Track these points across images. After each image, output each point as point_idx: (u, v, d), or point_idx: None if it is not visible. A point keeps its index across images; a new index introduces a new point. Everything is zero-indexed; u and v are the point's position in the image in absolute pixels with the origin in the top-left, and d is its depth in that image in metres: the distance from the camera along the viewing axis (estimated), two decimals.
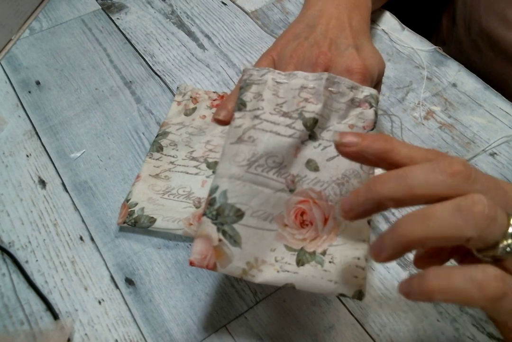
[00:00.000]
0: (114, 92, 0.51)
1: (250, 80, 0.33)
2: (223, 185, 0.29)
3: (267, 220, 0.29)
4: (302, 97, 0.32)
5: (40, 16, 0.59)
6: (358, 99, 0.32)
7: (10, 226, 0.41)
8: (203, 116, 0.46)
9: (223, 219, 0.28)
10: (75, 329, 0.36)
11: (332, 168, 0.31)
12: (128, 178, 0.44)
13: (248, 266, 0.28)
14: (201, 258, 0.28)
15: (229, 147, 0.30)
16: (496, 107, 0.48)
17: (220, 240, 0.28)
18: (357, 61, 0.34)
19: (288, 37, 0.38)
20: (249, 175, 0.29)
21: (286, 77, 0.32)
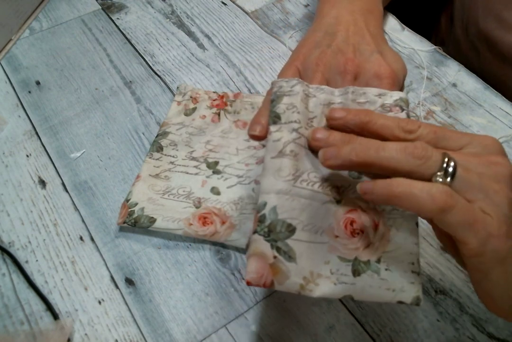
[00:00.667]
0: (114, 92, 0.51)
1: (280, 92, 0.32)
2: (271, 201, 0.29)
3: (318, 233, 0.29)
4: None
5: (40, 16, 0.59)
6: (389, 104, 0.32)
7: (10, 226, 0.41)
8: (203, 116, 0.46)
9: (275, 235, 0.28)
10: (75, 329, 0.36)
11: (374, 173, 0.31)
12: (128, 178, 0.44)
13: (305, 281, 0.28)
14: (257, 277, 0.28)
15: (271, 162, 0.30)
16: (496, 107, 0.47)
17: (275, 257, 0.28)
18: (385, 66, 0.35)
19: (309, 45, 0.38)
20: (296, 189, 0.29)
21: (314, 91, 0.33)
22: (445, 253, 0.39)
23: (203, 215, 0.39)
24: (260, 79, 0.51)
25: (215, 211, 0.40)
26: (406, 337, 0.35)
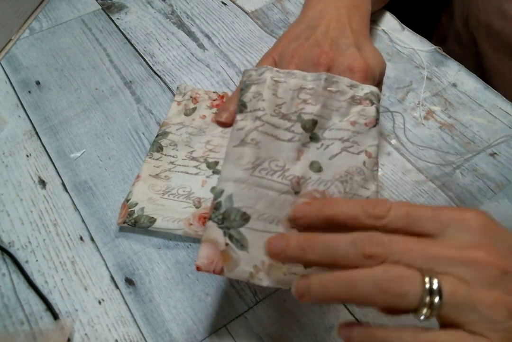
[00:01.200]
0: (114, 92, 0.51)
1: (249, 80, 0.33)
2: (229, 189, 0.29)
3: (273, 222, 0.29)
4: (300, 99, 0.32)
5: (40, 16, 0.59)
6: (359, 97, 0.32)
7: (10, 226, 0.41)
8: (203, 116, 0.46)
9: (229, 223, 0.28)
10: (75, 329, 0.36)
11: (335, 166, 0.31)
12: (128, 178, 0.44)
13: (255, 270, 0.28)
14: (208, 263, 0.28)
15: (233, 150, 0.30)
16: (496, 107, 0.48)
17: (227, 244, 0.28)
18: (359, 60, 0.35)
19: (289, 37, 0.39)
20: (254, 178, 0.29)
21: (285, 76, 0.32)
22: None
23: (203, 215, 0.39)
24: None
25: None
26: None
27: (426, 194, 0.42)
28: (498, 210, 0.41)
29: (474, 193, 0.42)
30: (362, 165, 0.31)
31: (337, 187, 0.31)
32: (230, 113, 0.33)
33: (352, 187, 0.31)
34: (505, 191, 0.42)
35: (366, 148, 0.32)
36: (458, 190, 0.42)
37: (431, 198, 0.42)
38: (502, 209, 0.41)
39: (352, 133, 0.32)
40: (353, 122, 0.32)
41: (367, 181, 0.31)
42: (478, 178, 0.43)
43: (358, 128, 0.32)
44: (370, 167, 0.31)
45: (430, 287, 0.21)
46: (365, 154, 0.32)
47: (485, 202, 0.42)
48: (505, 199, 0.42)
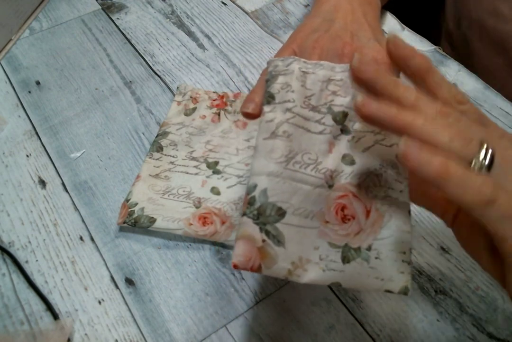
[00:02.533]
0: (114, 92, 0.51)
1: (276, 71, 0.31)
2: (262, 183, 0.28)
3: (308, 217, 0.29)
4: (330, 90, 0.31)
5: (40, 16, 0.59)
6: None
7: (10, 226, 0.41)
8: (203, 116, 0.46)
9: (265, 218, 0.28)
10: (75, 329, 0.36)
11: (368, 159, 0.30)
12: (128, 178, 0.44)
13: (293, 266, 0.28)
14: (245, 260, 0.27)
15: (263, 143, 0.29)
16: (496, 107, 0.47)
17: (264, 241, 0.27)
18: (382, 52, 0.34)
19: (306, 30, 0.38)
20: (288, 171, 0.29)
21: (312, 67, 0.31)
22: (445, 253, 0.39)
23: (203, 215, 0.39)
24: None
25: (215, 211, 0.40)
26: (406, 337, 0.35)
27: None
28: None
29: None
30: (395, 159, 0.30)
31: (372, 180, 0.30)
32: (256, 104, 0.32)
33: (387, 180, 0.30)
34: None
35: (397, 141, 0.30)
36: None
37: None
38: None
39: None
40: None
41: (399, 174, 0.30)
42: None
43: None
44: None
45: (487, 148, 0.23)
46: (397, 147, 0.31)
47: None
48: None
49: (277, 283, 0.38)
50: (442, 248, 0.39)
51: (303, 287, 0.37)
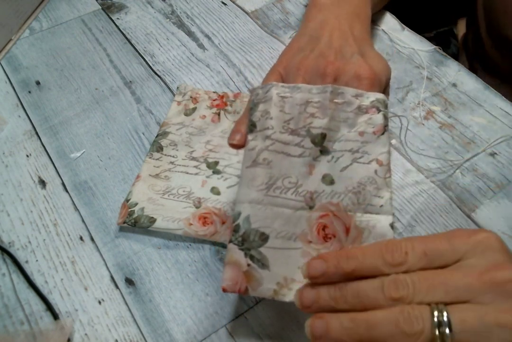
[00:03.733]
0: (114, 92, 0.51)
1: (257, 99, 0.33)
2: (245, 211, 0.30)
3: (291, 239, 0.30)
4: (308, 113, 0.32)
5: (40, 16, 0.59)
6: (365, 106, 0.32)
7: (10, 226, 0.41)
8: (203, 116, 0.46)
9: (249, 244, 0.29)
10: (75, 329, 0.36)
11: (346, 178, 0.31)
12: (128, 178, 0.44)
13: (279, 286, 0.29)
14: (232, 284, 0.29)
15: (246, 171, 0.31)
16: (496, 107, 0.47)
17: (249, 265, 0.29)
18: (365, 67, 0.35)
19: (293, 51, 0.39)
20: (268, 198, 0.30)
21: (290, 91, 0.32)
22: None
23: (203, 215, 0.39)
24: (260, 79, 0.51)
25: (215, 211, 0.40)
26: None
27: (426, 194, 0.42)
28: (498, 210, 0.41)
29: (474, 193, 0.42)
30: (374, 175, 0.31)
31: (351, 198, 0.31)
32: (242, 135, 0.34)
33: (365, 197, 0.31)
34: (505, 191, 0.42)
35: (376, 156, 0.32)
36: (458, 190, 0.42)
37: (431, 198, 0.42)
38: (502, 209, 0.41)
39: (361, 144, 0.32)
40: (361, 133, 0.32)
41: (380, 189, 0.31)
42: (478, 178, 0.43)
43: (366, 138, 0.32)
44: (382, 175, 0.32)
45: (438, 319, 0.22)
46: (376, 163, 0.32)
47: (485, 202, 0.42)
48: (505, 199, 0.42)
49: None
50: None
51: None
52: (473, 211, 0.41)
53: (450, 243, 0.25)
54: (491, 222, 0.40)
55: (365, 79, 0.34)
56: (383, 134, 0.32)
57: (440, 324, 0.22)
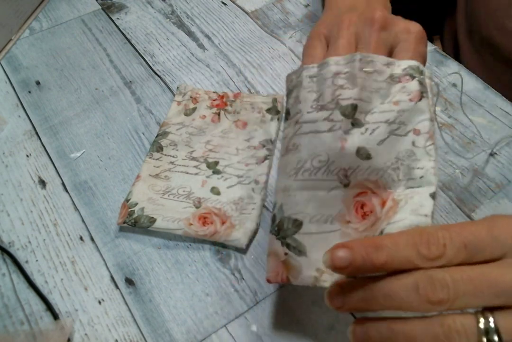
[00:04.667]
0: (114, 92, 0.51)
1: (291, 86, 0.32)
2: (279, 200, 0.30)
3: (327, 222, 0.29)
4: (336, 85, 0.29)
5: (40, 16, 0.59)
6: (398, 74, 0.29)
7: (10, 226, 0.41)
8: (203, 116, 0.46)
9: (284, 232, 0.29)
10: (75, 329, 0.36)
11: (384, 152, 0.29)
12: (128, 178, 0.44)
13: (319, 272, 0.28)
14: (274, 275, 0.28)
15: (280, 160, 0.31)
16: (496, 107, 0.47)
17: (286, 254, 0.28)
18: (414, 23, 0.33)
19: (331, 16, 0.36)
20: (297, 183, 0.29)
21: (318, 69, 0.30)
22: None
23: (203, 215, 0.39)
24: (260, 79, 0.51)
25: (215, 211, 0.40)
26: None
27: None
28: (498, 210, 0.41)
29: (474, 193, 0.42)
30: (412, 146, 0.29)
31: (390, 175, 0.28)
32: None
33: (405, 173, 0.28)
34: (505, 191, 0.42)
35: (414, 126, 0.29)
36: (458, 190, 0.42)
37: None
38: (502, 209, 0.41)
39: (398, 113, 0.29)
40: (396, 102, 0.29)
41: (419, 160, 0.28)
42: (478, 178, 0.43)
43: (402, 107, 0.29)
44: (421, 144, 0.29)
45: (485, 327, 0.20)
46: (413, 133, 0.29)
47: (485, 202, 0.42)
48: (505, 199, 0.42)
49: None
50: None
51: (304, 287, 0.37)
52: (473, 211, 0.41)
53: (493, 234, 0.22)
54: None
55: (414, 33, 0.32)
56: (421, 100, 0.29)
57: (488, 331, 0.20)
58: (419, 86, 0.29)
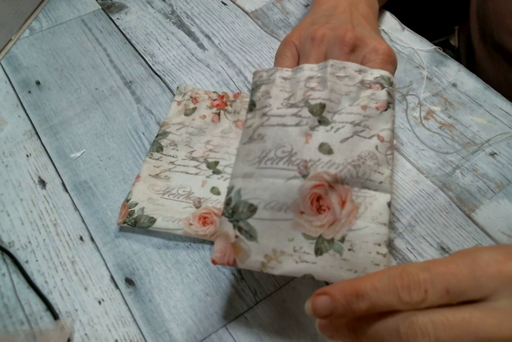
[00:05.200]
0: (114, 92, 0.51)
1: (260, 81, 0.33)
2: (238, 184, 0.30)
3: (281, 210, 0.29)
4: (308, 87, 0.31)
5: (40, 16, 0.59)
6: (368, 81, 0.31)
7: (10, 226, 0.41)
8: (203, 116, 0.46)
9: (237, 216, 0.29)
10: (75, 329, 0.36)
11: (346, 150, 0.30)
12: (128, 178, 0.44)
13: (267, 259, 0.29)
14: (221, 256, 0.29)
15: (242, 148, 0.31)
16: (496, 107, 0.47)
17: (237, 236, 0.29)
18: (384, 43, 0.34)
19: (305, 24, 0.37)
20: (260, 170, 0.30)
21: (293, 73, 0.32)
22: (445, 253, 0.39)
23: (203, 215, 0.39)
24: None
25: (215, 211, 0.40)
26: None
27: (426, 193, 0.42)
28: (498, 210, 0.41)
29: (474, 193, 0.42)
30: (375, 150, 0.30)
31: (350, 171, 0.30)
32: None
33: (365, 172, 0.30)
34: (505, 191, 0.42)
35: (378, 132, 0.31)
36: (458, 190, 0.42)
37: (431, 198, 0.42)
38: (502, 209, 0.41)
39: (364, 117, 0.31)
40: (364, 107, 0.31)
41: (380, 165, 0.30)
42: (478, 178, 0.43)
43: (369, 112, 0.31)
44: (383, 151, 0.30)
45: None
46: (378, 139, 0.30)
47: (485, 202, 0.42)
48: (505, 199, 0.42)
49: (277, 283, 0.38)
50: (442, 248, 0.39)
51: (303, 287, 0.37)
52: (473, 211, 0.41)
53: (476, 277, 0.21)
54: (491, 222, 0.41)
55: (383, 54, 0.33)
56: (386, 110, 0.31)
57: None
58: (387, 96, 0.31)
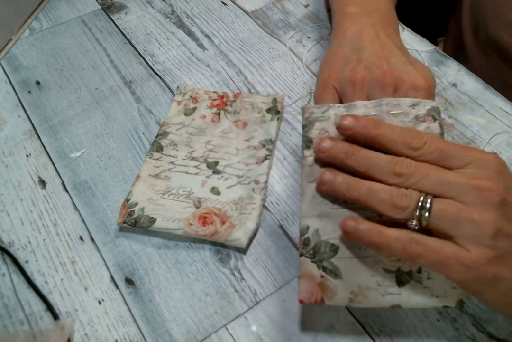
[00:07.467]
0: (114, 92, 0.51)
1: (312, 118, 0.34)
2: (313, 224, 0.31)
3: (362, 247, 0.31)
4: None
5: (40, 16, 0.59)
6: (422, 114, 0.32)
7: (10, 226, 0.41)
8: (203, 116, 0.46)
9: (320, 256, 0.31)
10: (75, 329, 0.36)
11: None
12: (128, 178, 0.44)
13: (353, 295, 0.30)
14: (308, 296, 0.30)
15: (307, 186, 0.32)
16: (496, 107, 0.47)
17: (322, 276, 0.30)
18: (420, 78, 0.35)
19: (339, 61, 0.38)
20: (334, 211, 0.31)
21: (347, 110, 0.33)
22: None
23: (203, 215, 0.39)
24: (260, 79, 0.51)
25: (215, 211, 0.40)
26: (406, 337, 0.35)
27: None
28: None
29: None
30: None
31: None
32: None
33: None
34: None
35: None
36: None
37: None
38: None
39: None
40: None
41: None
42: None
43: None
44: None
45: (422, 204, 0.27)
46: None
47: None
48: None
49: (277, 283, 0.38)
50: None
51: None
52: None
53: (464, 151, 0.28)
54: None
55: (422, 90, 0.35)
56: None
57: (422, 207, 0.26)
58: (439, 128, 0.32)
